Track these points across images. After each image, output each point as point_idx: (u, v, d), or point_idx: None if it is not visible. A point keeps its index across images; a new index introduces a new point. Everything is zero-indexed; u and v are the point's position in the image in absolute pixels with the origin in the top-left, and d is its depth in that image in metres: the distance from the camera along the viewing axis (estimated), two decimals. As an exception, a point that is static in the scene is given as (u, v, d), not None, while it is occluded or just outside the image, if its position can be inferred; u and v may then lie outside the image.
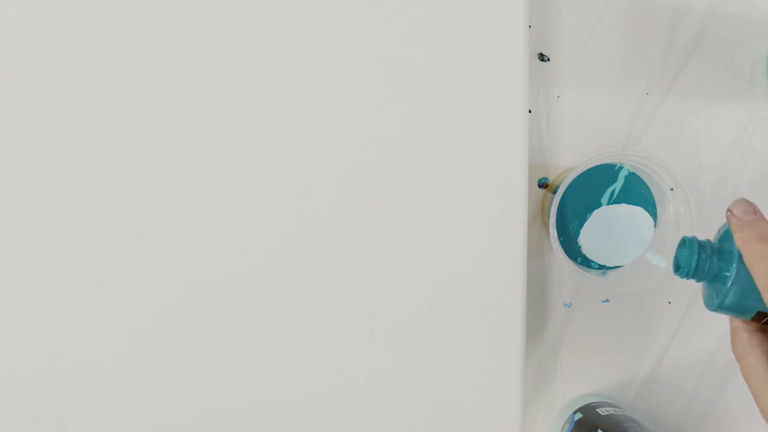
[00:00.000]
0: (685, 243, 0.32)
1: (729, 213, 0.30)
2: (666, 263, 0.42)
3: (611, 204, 0.44)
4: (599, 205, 0.44)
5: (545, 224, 0.44)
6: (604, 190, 0.44)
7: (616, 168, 0.44)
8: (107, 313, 0.38)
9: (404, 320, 0.39)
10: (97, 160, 0.37)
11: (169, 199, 0.38)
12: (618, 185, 0.44)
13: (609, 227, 0.44)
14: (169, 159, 0.37)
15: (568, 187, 0.41)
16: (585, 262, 0.44)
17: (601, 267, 0.44)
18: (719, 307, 0.30)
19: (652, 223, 0.44)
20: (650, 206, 0.44)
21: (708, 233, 0.48)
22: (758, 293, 0.28)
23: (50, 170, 0.37)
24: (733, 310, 0.30)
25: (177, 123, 0.37)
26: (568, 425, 0.43)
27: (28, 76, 0.37)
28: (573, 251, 0.44)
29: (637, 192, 0.44)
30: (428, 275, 0.39)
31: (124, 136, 0.37)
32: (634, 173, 0.44)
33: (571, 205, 0.43)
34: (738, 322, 0.31)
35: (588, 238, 0.44)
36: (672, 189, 0.42)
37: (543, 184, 0.45)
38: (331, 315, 0.39)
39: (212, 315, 0.38)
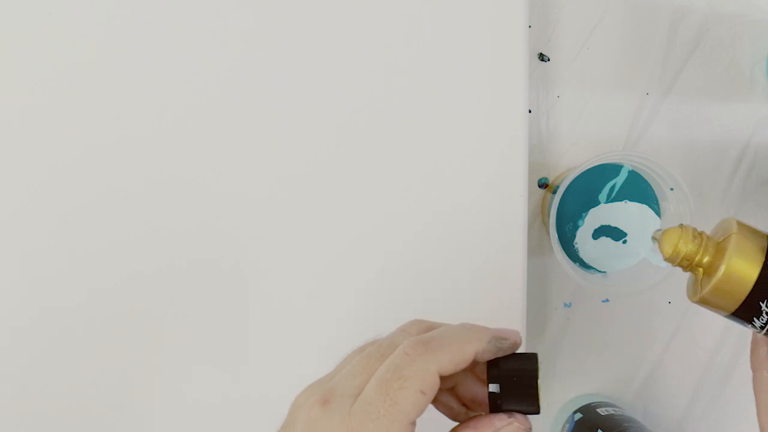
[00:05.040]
0: None
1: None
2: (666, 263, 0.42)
3: (611, 202, 0.44)
4: (599, 205, 0.44)
5: (545, 224, 0.44)
6: (604, 189, 0.44)
7: (617, 168, 0.43)
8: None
9: (404, 319, 0.39)
10: (97, 158, 0.37)
11: (168, 198, 0.38)
12: (620, 180, 0.43)
13: (608, 227, 0.44)
14: (166, 160, 0.38)
15: (568, 187, 0.41)
16: (585, 264, 0.44)
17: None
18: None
19: (658, 220, 0.44)
20: (653, 204, 0.44)
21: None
22: None
23: (50, 168, 0.37)
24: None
25: (176, 121, 0.37)
26: (568, 425, 0.43)
27: (28, 76, 0.37)
28: (573, 251, 0.44)
29: (639, 190, 0.44)
30: (428, 275, 0.39)
31: (123, 134, 0.37)
32: (634, 171, 0.44)
33: (571, 205, 0.43)
34: (760, 335, 0.31)
35: (586, 242, 0.44)
36: (672, 189, 0.42)
37: (543, 184, 0.45)
38: (331, 316, 0.39)
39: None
